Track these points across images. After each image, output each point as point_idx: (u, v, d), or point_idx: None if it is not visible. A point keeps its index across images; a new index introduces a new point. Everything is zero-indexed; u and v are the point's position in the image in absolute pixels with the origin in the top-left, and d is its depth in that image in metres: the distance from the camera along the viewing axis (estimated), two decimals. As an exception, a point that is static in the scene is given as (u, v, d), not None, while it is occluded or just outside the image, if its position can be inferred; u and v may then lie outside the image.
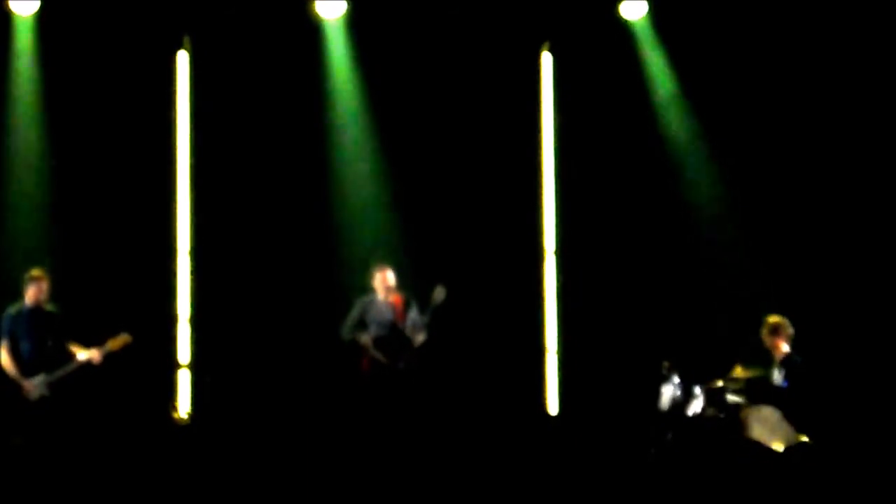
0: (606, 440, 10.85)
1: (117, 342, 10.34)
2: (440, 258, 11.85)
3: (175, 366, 12.23)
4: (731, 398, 10.25)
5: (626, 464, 9.38)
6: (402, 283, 11.14)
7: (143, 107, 12.05)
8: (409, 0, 12.00)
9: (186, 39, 12.16)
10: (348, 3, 12.04)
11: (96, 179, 11.85)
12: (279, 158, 12.14)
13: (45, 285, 10.48)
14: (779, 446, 9.65)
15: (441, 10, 11.96)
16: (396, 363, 10.89)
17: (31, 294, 10.38)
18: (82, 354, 10.32)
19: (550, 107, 12.60)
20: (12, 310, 10.47)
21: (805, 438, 9.71)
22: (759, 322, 10.39)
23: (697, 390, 10.16)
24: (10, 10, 11.61)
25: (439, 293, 10.78)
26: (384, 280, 10.98)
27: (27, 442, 10.15)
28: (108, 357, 10.35)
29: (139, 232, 12.03)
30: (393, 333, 10.90)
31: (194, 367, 12.22)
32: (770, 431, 9.80)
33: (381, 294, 11.00)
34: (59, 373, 10.30)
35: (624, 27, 12.28)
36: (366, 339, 11.04)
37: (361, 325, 10.97)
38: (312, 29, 12.11)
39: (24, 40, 11.79)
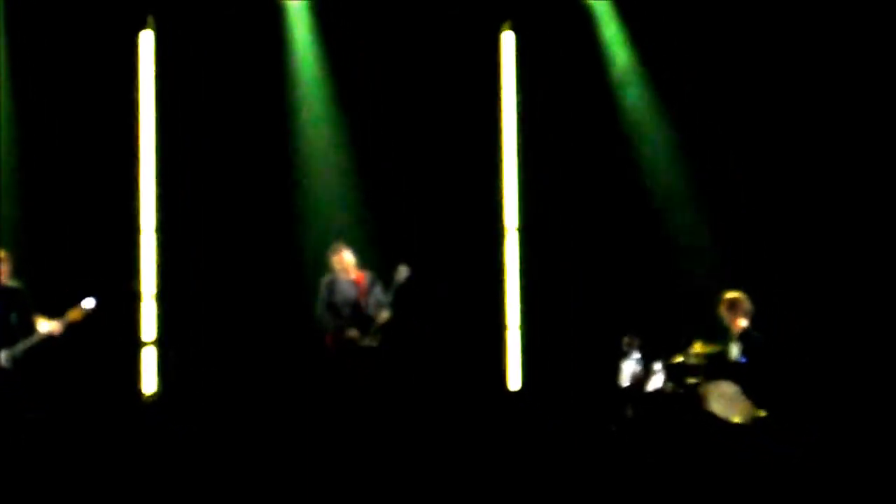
0: (567, 416, 10.61)
1: (77, 312, 10.01)
2: (404, 237, 11.85)
3: (140, 343, 12.10)
4: (689, 381, 10.31)
5: (587, 439, 9.29)
6: (367, 262, 11.12)
7: (107, 86, 11.89)
8: None
9: (150, 19, 12.02)
10: None
11: (62, 158, 11.71)
12: (242, 138, 12.04)
13: (5, 265, 10.16)
14: (737, 420, 9.56)
15: None
16: (360, 341, 10.78)
17: None
18: (44, 325, 10.01)
19: (512, 85, 12.59)
20: None
21: (763, 412, 9.60)
22: (717, 298, 10.30)
23: (657, 366, 10.24)
24: None
25: (402, 272, 10.72)
26: (340, 260, 10.95)
27: None
28: (70, 328, 9.99)
29: (105, 211, 11.92)
30: (356, 311, 10.84)
31: (160, 343, 12.05)
32: (728, 406, 9.70)
33: (339, 273, 10.99)
34: (23, 346, 9.99)
35: (582, 6, 12.35)
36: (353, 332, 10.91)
37: (330, 304, 10.89)
38: (276, 10, 12.14)
39: None
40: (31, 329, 10.09)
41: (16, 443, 9.02)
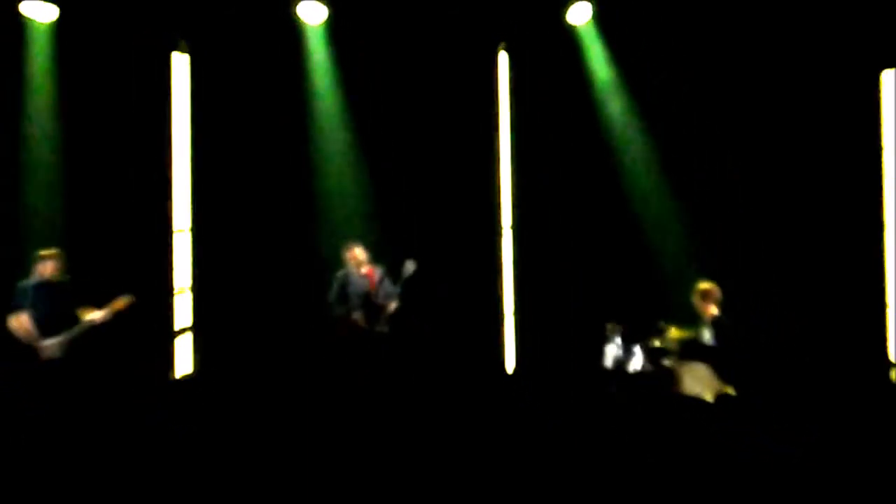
0: (558, 394, 10.69)
1: (120, 303, 10.30)
2: (411, 235, 11.75)
3: (176, 330, 12.15)
4: (665, 362, 10.26)
5: (577, 415, 9.29)
6: (378, 257, 11.09)
7: (145, 101, 11.97)
8: (383, 8, 11.83)
9: (182, 42, 12.07)
10: (329, 10, 11.95)
11: (105, 166, 11.79)
12: (266, 147, 12.10)
13: (54, 262, 10.49)
14: (708, 397, 9.50)
15: (411, 16, 11.81)
16: (371, 328, 10.80)
17: (42, 269, 10.38)
18: (89, 315, 10.26)
19: (507, 98, 12.51)
20: (26, 283, 10.44)
21: (731, 391, 9.58)
22: (691, 288, 10.25)
23: (637, 349, 10.34)
24: (25, 17, 11.55)
25: (409, 266, 10.70)
26: (353, 256, 11.02)
27: (42, 403, 10.05)
28: (112, 317, 10.28)
29: (144, 212, 11.94)
30: (367, 302, 10.86)
31: (193, 330, 12.14)
32: (700, 385, 9.65)
33: (352, 268, 11.03)
34: (71, 334, 10.25)
35: (570, 29, 12.13)
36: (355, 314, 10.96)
37: (343, 296, 10.95)
38: (296, 32, 12.00)
39: (39, 43, 11.66)
40: (75, 318, 10.24)
41: (63, 422, 8.96)
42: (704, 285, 10.11)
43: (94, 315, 10.24)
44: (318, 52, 12.05)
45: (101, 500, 6.52)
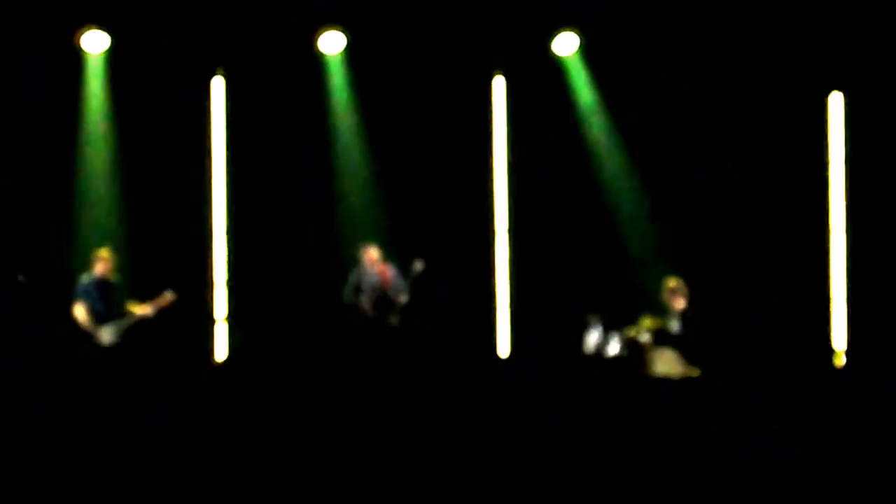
0: (546, 376, 10.24)
1: (164, 299, 10.92)
2: (419, 239, 12.02)
3: (213, 320, 12.46)
4: (639, 348, 10.76)
5: (562, 395, 8.85)
6: (390, 257, 11.51)
7: (187, 119, 12.27)
8: (395, 39, 12.06)
9: (220, 69, 12.36)
10: (347, 39, 12.09)
11: (153, 178, 12.08)
12: (292, 160, 12.30)
13: (107, 262, 11.04)
14: (677, 378, 10.11)
15: (420, 45, 12.08)
16: (383, 319, 11.27)
17: (99, 268, 10.93)
18: (138, 309, 10.90)
19: (502, 119, 12.76)
20: (85, 278, 10.94)
21: (696, 373, 10.32)
22: (662, 285, 11.00)
23: (614, 337, 10.86)
24: (81, 48, 11.83)
25: (418, 265, 11.13)
26: (368, 256, 11.32)
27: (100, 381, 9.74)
28: (158, 311, 10.97)
29: (187, 219, 12.31)
30: (379, 296, 11.29)
31: (229, 321, 12.46)
32: (669, 367, 10.49)
33: (367, 266, 11.33)
34: (122, 324, 10.88)
35: (557, 58, 12.40)
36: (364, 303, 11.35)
37: (357, 289, 11.35)
38: (318, 62, 12.25)
39: (94, 69, 11.95)
40: (124, 310, 10.94)
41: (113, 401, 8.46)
42: (672, 282, 10.84)
43: (142, 309, 10.92)
44: (337, 77, 12.24)
45: (151, 466, 6.42)
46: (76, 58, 11.86)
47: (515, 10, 11.73)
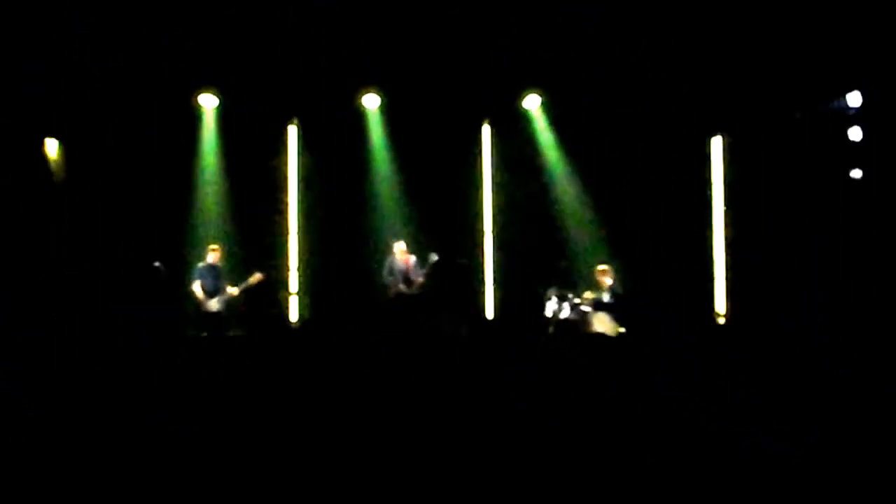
0: (518, 332, 11.74)
1: (254, 279, 11.93)
2: (433, 237, 12.81)
3: (289, 293, 13.36)
4: (582, 312, 11.43)
5: (529, 346, 9.24)
6: (412, 249, 12.44)
7: (270, 156, 13.45)
8: (414, 99, 12.92)
9: (296, 119, 13.54)
10: (381, 99, 13.14)
11: (247, 199, 13.15)
12: (342, 186, 13.23)
13: (217, 253, 12.14)
14: (610, 334, 10.93)
15: (430, 103, 12.89)
16: (407, 291, 12.17)
17: (210, 257, 12.11)
18: (234, 288, 11.99)
19: (489, 158, 13.69)
20: (200, 264, 12.04)
21: (622, 330, 11.25)
22: (594, 268, 11.98)
23: (565, 304, 11.67)
24: (198, 106, 13.00)
25: (433, 256, 12.04)
26: (398, 249, 12.25)
27: (209, 335, 11.33)
28: (248, 289, 11.96)
29: (271, 225, 13.45)
30: (405, 277, 12.16)
31: (299, 294, 13.40)
32: (604, 327, 11.38)
33: (397, 256, 12.18)
34: (225, 297, 11.98)
35: (526, 111, 13.36)
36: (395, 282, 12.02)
37: (390, 272, 12.22)
38: (361, 114, 13.40)
39: (207, 121, 13.12)
40: (226, 288, 11.95)
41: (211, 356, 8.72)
42: (602, 266, 12.00)
43: (238, 287, 11.93)
44: (375, 126, 13.33)
45: (254, 391, 6.34)
46: (194, 113, 12.99)
47: (497, 78, 12.31)
